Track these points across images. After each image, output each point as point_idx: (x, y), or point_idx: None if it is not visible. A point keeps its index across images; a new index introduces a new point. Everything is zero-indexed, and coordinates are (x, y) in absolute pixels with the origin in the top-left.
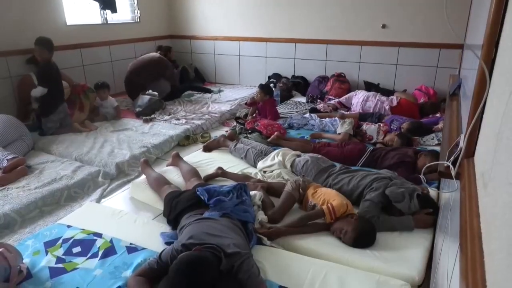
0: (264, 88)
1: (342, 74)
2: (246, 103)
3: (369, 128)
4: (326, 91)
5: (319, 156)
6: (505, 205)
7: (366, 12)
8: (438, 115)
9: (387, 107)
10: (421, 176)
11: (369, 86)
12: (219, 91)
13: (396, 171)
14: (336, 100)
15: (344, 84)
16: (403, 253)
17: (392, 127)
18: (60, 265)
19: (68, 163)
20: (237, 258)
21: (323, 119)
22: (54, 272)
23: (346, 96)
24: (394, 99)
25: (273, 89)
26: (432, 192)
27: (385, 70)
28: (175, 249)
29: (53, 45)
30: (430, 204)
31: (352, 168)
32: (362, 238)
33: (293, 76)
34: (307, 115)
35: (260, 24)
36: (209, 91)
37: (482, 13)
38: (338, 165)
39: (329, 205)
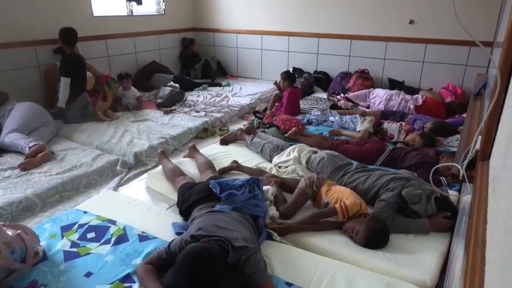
0: (284, 75)
1: (366, 71)
2: (274, 83)
3: (390, 126)
4: (348, 88)
5: (336, 153)
6: (505, 213)
7: (393, 7)
8: (465, 115)
9: (411, 106)
10: (442, 178)
11: (393, 84)
12: (227, 84)
13: (416, 172)
14: (343, 95)
15: (368, 81)
16: (416, 257)
17: (415, 126)
18: (74, 249)
19: (89, 151)
20: (244, 252)
21: (343, 116)
22: (68, 256)
23: (357, 93)
24: (419, 98)
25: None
26: (453, 195)
27: (411, 67)
28: (183, 240)
29: (69, 36)
30: (449, 207)
31: (369, 167)
32: (374, 239)
33: (315, 72)
34: (327, 111)
35: (284, 18)
36: (219, 85)
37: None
38: (355, 164)
39: (342, 203)
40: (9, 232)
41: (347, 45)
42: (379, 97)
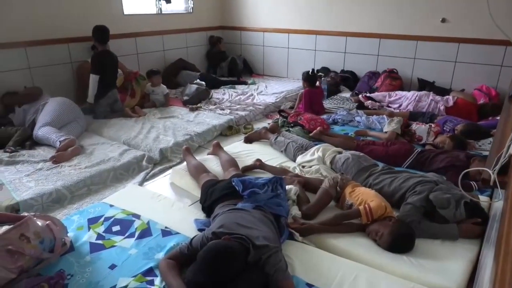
0: (303, 76)
1: (395, 70)
2: None
3: (419, 128)
4: (376, 87)
5: (361, 154)
6: None
7: (424, 5)
8: (498, 118)
9: (441, 108)
10: (472, 183)
11: (423, 84)
12: (253, 82)
13: (445, 176)
14: (364, 94)
15: (396, 81)
16: (443, 263)
17: (445, 128)
18: (99, 242)
19: (117, 146)
20: (265, 251)
21: (370, 116)
22: (94, 248)
23: (381, 93)
24: (450, 99)
25: (318, 80)
26: (484, 201)
27: (442, 67)
28: (205, 237)
29: (101, 33)
30: (479, 213)
31: (395, 169)
32: (399, 243)
33: (342, 71)
34: (354, 111)
35: (311, 17)
36: (245, 83)
37: None
38: (380, 165)
39: (366, 205)
40: (39, 223)
41: (376, 44)
42: (406, 98)
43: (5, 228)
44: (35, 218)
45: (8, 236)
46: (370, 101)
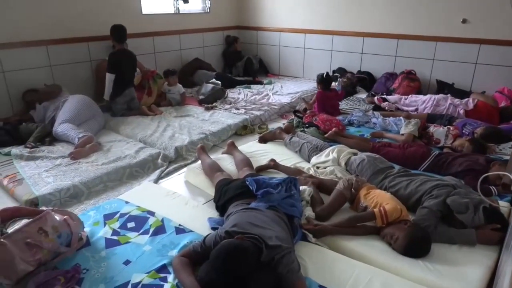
0: (317, 79)
1: (413, 72)
2: None
3: (437, 130)
4: (393, 89)
5: (377, 156)
6: None
7: (444, 5)
8: None
9: (461, 111)
10: (492, 188)
11: (442, 86)
12: (269, 82)
13: (463, 180)
14: (379, 96)
15: (414, 82)
16: (460, 269)
17: (464, 131)
18: (115, 237)
19: (133, 143)
20: (278, 251)
21: (387, 118)
22: (109, 243)
23: (396, 96)
24: (470, 102)
25: (333, 80)
26: (504, 206)
27: (462, 69)
28: (218, 235)
29: (118, 32)
30: (498, 219)
31: (412, 171)
32: (414, 247)
33: (359, 72)
34: (370, 112)
35: (328, 17)
36: (261, 83)
37: None
38: (397, 167)
39: (381, 208)
40: (57, 217)
41: (394, 45)
42: (422, 102)
43: (24, 221)
44: (53, 213)
45: (27, 229)
46: (386, 103)
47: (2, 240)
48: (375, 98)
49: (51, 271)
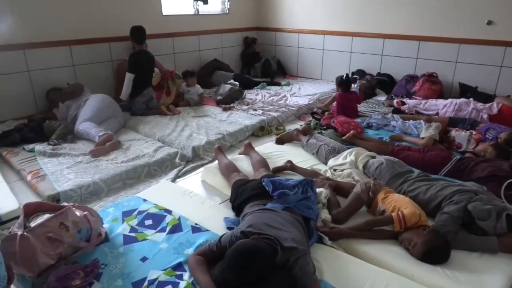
0: (337, 82)
1: (434, 74)
2: None
3: (459, 135)
4: (413, 91)
5: (396, 159)
6: None
7: (468, 6)
8: None
9: (485, 116)
10: None
11: (465, 89)
12: (287, 84)
13: (485, 186)
14: (398, 99)
15: (436, 85)
16: (480, 277)
17: (487, 136)
18: (132, 234)
19: (151, 142)
20: (293, 253)
21: (406, 121)
22: (127, 240)
23: (416, 100)
24: (495, 106)
25: (353, 82)
26: None
27: (486, 72)
28: (234, 235)
29: (138, 33)
30: None
31: (432, 176)
32: (433, 253)
33: (379, 74)
34: (389, 115)
35: (347, 18)
36: (278, 84)
37: None
38: (416, 172)
39: (399, 212)
40: (78, 213)
41: (415, 47)
42: (443, 106)
43: (46, 216)
44: (74, 209)
45: (49, 224)
46: (406, 106)
47: (25, 233)
48: (394, 101)
49: (71, 265)
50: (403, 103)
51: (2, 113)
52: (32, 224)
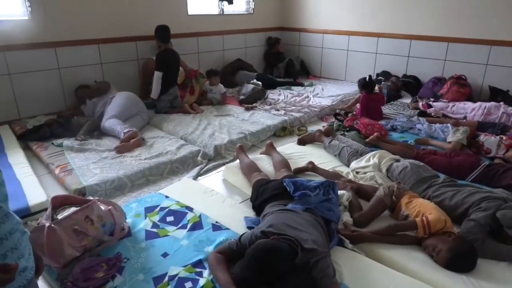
0: (360, 84)
1: (463, 77)
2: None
3: (488, 139)
4: (441, 94)
5: (421, 163)
6: None
7: (502, 6)
8: None
9: None
10: None
11: (495, 92)
12: (310, 84)
13: None
14: (424, 102)
15: (464, 88)
16: None
17: None
18: (154, 230)
19: (174, 140)
20: (313, 254)
21: (433, 124)
22: (149, 235)
23: (442, 103)
24: None
25: (378, 85)
26: None
27: None
28: (254, 235)
29: (163, 33)
30: None
31: (459, 182)
32: (459, 261)
33: (404, 75)
34: (415, 118)
35: (373, 18)
36: (301, 85)
37: None
38: (442, 176)
39: (424, 217)
40: (102, 207)
41: (443, 48)
42: (471, 109)
43: (73, 209)
44: (99, 203)
45: (75, 217)
46: (433, 109)
47: (52, 225)
48: (420, 103)
49: (95, 258)
50: (429, 106)
51: (33, 108)
52: (59, 217)
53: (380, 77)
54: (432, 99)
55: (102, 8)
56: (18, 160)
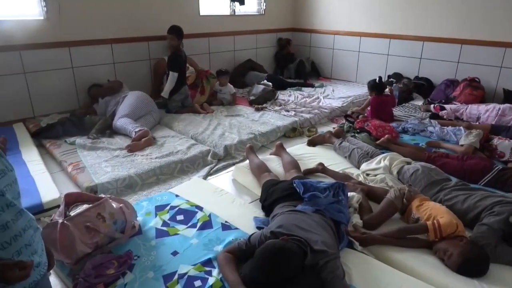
0: (369, 86)
1: (476, 79)
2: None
3: (502, 143)
4: (453, 97)
5: (433, 166)
6: None
7: None
8: None
9: None
10: None
11: (509, 95)
12: (320, 86)
13: None
14: (436, 104)
15: (477, 91)
16: None
17: None
18: (164, 228)
19: (185, 140)
20: (323, 256)
21: (445, 127)
22: (159, 233)
23: (455, 105)
24: None
25: (389, 87)
26: None
27: None
28: (263, 235)
29: (182, 33)
30: None
31: (471, 185)
32: (470, 266)
33: (416, 77)
34: (426, 120)
35: (385, 20)
36: (312, 86)
37: None
38: (454, 180)
39: (435, 221)
40: (114, 205)
41: (456, 50)
42: (485, 111)
43: (85, 206)
44: (110, 200)
45: (88, 214)
46: (445, 111)
47: (65, 222)
48: (432, 106)
49: (106, 255)
50: (442, 108)
51: (47, 106)
52: (72, 213)
53: (391, 79)
54: (444, 102)
55: (115, 9)
56: (32, 158)
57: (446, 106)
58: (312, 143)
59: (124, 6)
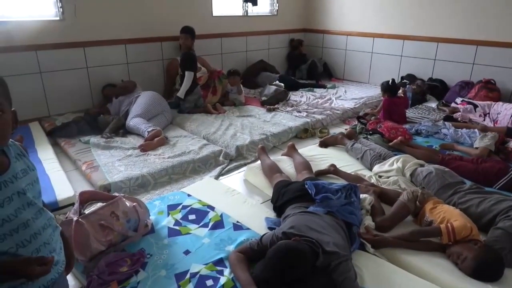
0: (382, 88)
1: (492, 81)
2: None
3: None
4: (468, 99)
5: (447, 169)
6: None
7: None
8: None
9: None
10: None
11: None
12: (333, 87)
13: None
14: (462, 100)
15: (493, 93)
16: None
17: None
18: (176, 227)
19: (197, 140)
20: (335, 257)
21: (459, 129)
22: (171, 232)
23: (487, 103)
24: None
25: (402, 88)
26: None
27: None
28: (275, 235)
29: (195, 33)
30: None
31: (486, 189)
32: (485, 270)
33: (430, 79)
34: (440, 122)
35: (399, 20)
36: (324, 87)
37: None
38: (468, 183)
39: (448, 224)
40: (127, 203)
41: (472, 51)
42: (502, 111)
43: (99, 204)
44: (124, 199)
45: (102, 212)
46: (459, 113)
47: (80, 219)
48: (459, 99)
49: (120, 253)
50: (470, 103)
51: (62, 106)
52: (87, 211)
53: (404, 80)
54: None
55: (129, 10)
56: (47, 156)
57: (476, 102)
58: (324, 144)
59: (138, 7)
